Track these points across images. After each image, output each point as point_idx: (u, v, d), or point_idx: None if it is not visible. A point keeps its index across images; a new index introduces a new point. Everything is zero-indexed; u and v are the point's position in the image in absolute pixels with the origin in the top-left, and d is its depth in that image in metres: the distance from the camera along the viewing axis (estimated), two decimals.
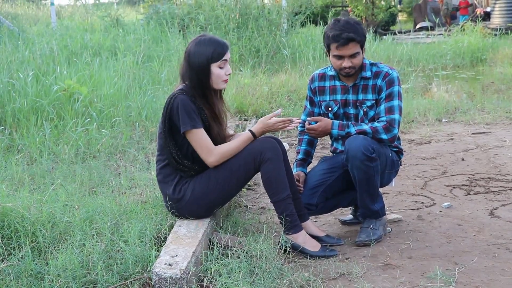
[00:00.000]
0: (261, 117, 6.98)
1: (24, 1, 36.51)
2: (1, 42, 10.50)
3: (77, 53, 10.34)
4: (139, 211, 3.51)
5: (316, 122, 3.58)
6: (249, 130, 3.44)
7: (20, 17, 21.36)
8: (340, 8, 23.01)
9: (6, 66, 7.71)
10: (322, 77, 3.81)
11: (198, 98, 3.35)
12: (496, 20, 19.75)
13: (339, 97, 3.73)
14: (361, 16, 19.82)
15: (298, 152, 3.88)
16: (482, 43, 13.80)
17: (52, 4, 20.46)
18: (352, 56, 3.54)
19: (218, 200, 3.40)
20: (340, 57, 3.56)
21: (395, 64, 10.99)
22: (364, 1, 19.78)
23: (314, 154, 5.73)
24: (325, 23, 14.28)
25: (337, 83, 3.73)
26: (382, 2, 20.84)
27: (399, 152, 3.79)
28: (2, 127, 5.83)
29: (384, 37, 15.26)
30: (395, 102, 3.57)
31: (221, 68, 3.37)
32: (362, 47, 3.56)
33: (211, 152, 3.31)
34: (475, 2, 25.53)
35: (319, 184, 3.69)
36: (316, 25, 14.92)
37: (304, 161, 3.84)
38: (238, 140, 3.39)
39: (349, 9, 21.04)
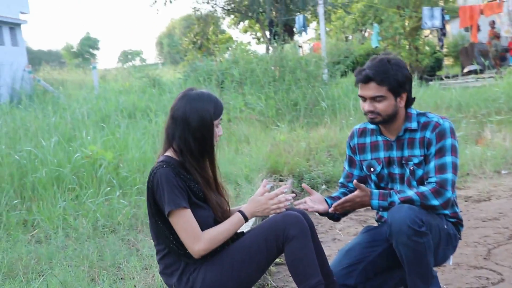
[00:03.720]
0: (299, 176, 6.49)
1: (72, 67, 37.54)
2: (31, 109, 10.35)
3: (110, 115, 10.07)
4: None
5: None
6: (239, 211, 2.87)
7: (67, 83, 21.69)
8: None
9: (30, 134, 7.42)
10: (363, 132, 3.23)
11: (191, 165, 2.82)
12: None
13: (382, 154, 3.14)
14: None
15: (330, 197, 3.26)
16: None
17: (94, 68, 20.72)
18: (374, 99, 2.97)
19: None
20: (363, 99, 3.02)
21: (444, 111, 10.29)
22: (407, 47, 19.22)
23: (357, 218, 5.11)
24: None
25: (379, 138, 3.15)
26: (427, 48, 20.22)
27: (458, 223, 3.15)
28: (17, 201, 5.41)
29: (431, 82, 14.61)
30: (448, 159, 2.95)
31: (216, 127, 2.86)
32: (394, 93, 2.97)
33: (198, 238, 2.73)
34: None
35: (358, 261, 3.07)
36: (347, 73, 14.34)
37: (332, 198, 3.21)
38: (228, 222, 2.82)
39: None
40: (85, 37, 68.77)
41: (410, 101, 3.04)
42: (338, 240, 4.68)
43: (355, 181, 2.96)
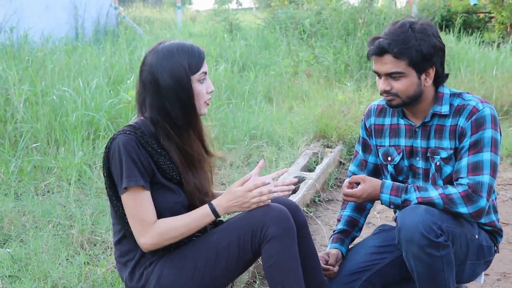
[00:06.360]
0: (350, 144, 5.84)
1: (168, 6, 37.56)
2: (102, 46, 10.10)
3: None
4: None
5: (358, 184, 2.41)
6: (209, 204, 2.30)
7: (156, 22, 21.54)
8: (483, 14, 20.86)
9: (75, 73, 7.09)
10: (382, 111, 2.61)
11: (169, 139, 2.29)
12: None
13: (403, 142, 2.51)
14: (505, 23, 17.68)
15: (338, 220, 2.69)
16: None
17: (179, 8, 20.44)
18: (391, 76, 2.34)
19: None
20: (378, 75, 2.40)
21: None
22: (510, 7, 17.61)
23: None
24: (448, 29, 12.54)
25: (401, 121, 2.52)
26: None
27: (496, 233, 2.49)
28: (36, 144, 5.09)
29: None
30: (486, 155, 2.29)
31: (200, 83, 2.29)
32: (416, 68, 2.32)
33: (146, 228, 2.21)
34: None
35: (363, 269, 2.50)
36: (442, 30, 13.16)
37: (345, 235, 2.63)
38: (189, 216, 2.27)
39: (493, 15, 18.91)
40: None
41: (441, 78, 2.38)
42: (373, 225, 4.08)
43: (351, 177, 2.38)
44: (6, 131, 5.36)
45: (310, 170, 4.99)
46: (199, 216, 2.25)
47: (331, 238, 2.63)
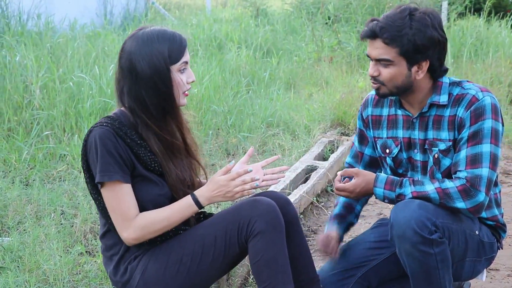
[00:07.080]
0: None
1: None
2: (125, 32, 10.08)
3: (201, 44, 9.56)
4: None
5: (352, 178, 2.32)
6: (191, 195, 2.23)
7: (186, 7, 21.49)
8: None
9: (93, 59, 7.08)
10: (379, 101, 2.51)
11: (148, 129, 2.22)
12: None
13: (400, 133, 2.41)
14: None
15: (335, 206, 2.61)
16: None
17: None
18: (380, 62, 2.24)
19: None
20: (370, 59, 2.30)
21: None
22: None
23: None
24: (479, 13, 12.14)
25: (399, 111, 2.41)
26: None
27: (498, 228, 2.38)
28: (48, 132, 5.08)
29: None
30: (485, 147, 2.18)
31: (181, 72, 2.21)
32: (407, 58, 2.21)
33: (128, 222, 2.15)
34: None
35: (358, 265, 2.42)
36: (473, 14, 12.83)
37: (342, 218, 2.55)
38: (170, 208, 2.20)
39: None
40: None
41: (437, 73, 2.26)
42: (384, 215, 3.97)
43: (344, 170, 2.30)
44: (22, 118, 5.38)
45: (325, 158, 4.89)
46: (182, 207, 2.19)
47: (328, 220, 2.56)
